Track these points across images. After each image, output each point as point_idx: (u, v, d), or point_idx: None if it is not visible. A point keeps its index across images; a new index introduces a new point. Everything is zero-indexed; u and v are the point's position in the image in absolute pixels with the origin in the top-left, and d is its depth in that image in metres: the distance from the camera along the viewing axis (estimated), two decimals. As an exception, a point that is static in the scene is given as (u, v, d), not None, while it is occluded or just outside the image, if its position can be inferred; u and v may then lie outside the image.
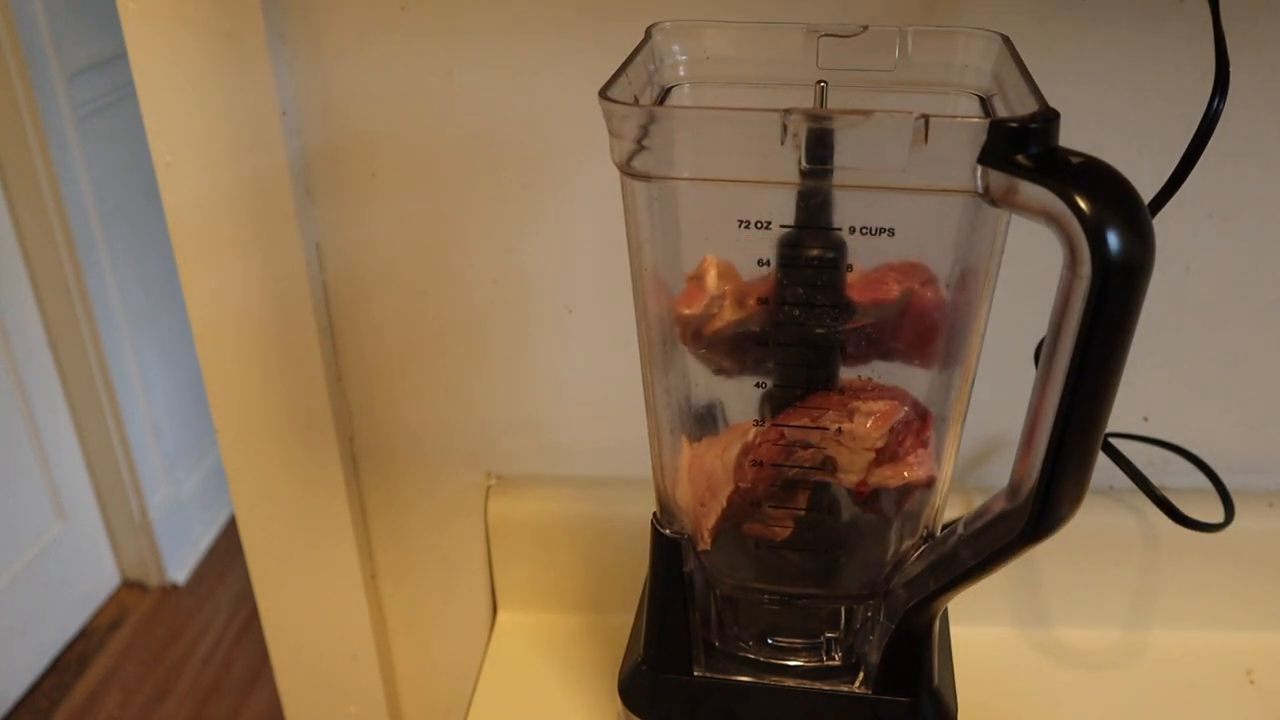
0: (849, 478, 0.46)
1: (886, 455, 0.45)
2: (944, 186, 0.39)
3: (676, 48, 0.49)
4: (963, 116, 0.37)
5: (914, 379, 0.46)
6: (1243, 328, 0.64)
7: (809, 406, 0.46)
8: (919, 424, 0.46)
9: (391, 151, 0.62)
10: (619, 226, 0.44)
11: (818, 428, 0.45)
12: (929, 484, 0.46)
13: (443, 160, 0.62)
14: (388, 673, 0.78)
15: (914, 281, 0.43)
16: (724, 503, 0.47)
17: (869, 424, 0.44)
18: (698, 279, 0.45)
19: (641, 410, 0.49)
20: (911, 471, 0.46)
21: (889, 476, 0.46)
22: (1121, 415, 0.67)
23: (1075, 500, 0.40)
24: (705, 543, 0.50)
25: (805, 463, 0.46)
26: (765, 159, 0.39)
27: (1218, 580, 0.69)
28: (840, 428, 0.45)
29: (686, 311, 0.45)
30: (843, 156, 0.38)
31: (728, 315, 0.45)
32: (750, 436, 0.47)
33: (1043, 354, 0.38)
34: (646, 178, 0.41)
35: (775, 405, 0.46)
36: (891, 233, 0.42)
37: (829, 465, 0.46)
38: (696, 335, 0.46)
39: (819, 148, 0.38)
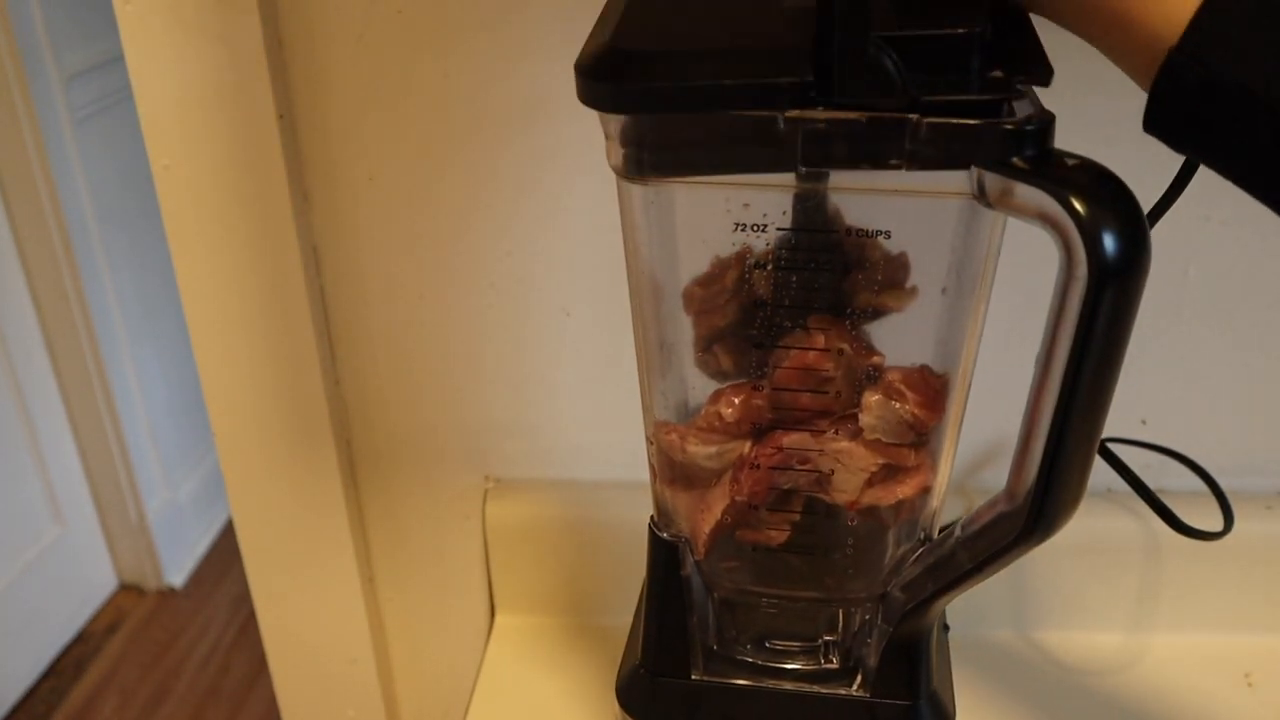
0: (842, 496, 0.46)
1: (879, 477, 0.45)
2: (940, 189, 0.39)
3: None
4: (959, 118, 0.37)
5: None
6: (1241, 329, 0.64)
7: (807, 418, 0.46)
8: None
9: (388, 155, 0.62)
10: (616, 229, 0.44)
11: (815, 432, 0.45)
12: (924, 492, 0.46)
13: (439, 163, 0.62)
14: (385, 676, 0.78)
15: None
16: (719, 514, 0.47)
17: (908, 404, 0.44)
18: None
19: (639, 413, 0.49)
20: (904, 489, 0.46)
21: (881, 496, 0.46)
22: (1120, 417, 0.67)
23: (1073, 503, 0.40)
24: (699, 553, 0.50)
25: (800, 479, 0.46)
26: (763, 159, 0.39)
27: (1216, 583, 0.69)
28: (838, 430, 0.45)
29: (701, 290, 0.45)
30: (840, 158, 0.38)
31: (729, 313, 0.45)
32: (746, 449, 0.47)
33: (1039, 356, 0.38)
34: (643, 180, 0.41)
35: (772, 414, 0.46)
36: (888, 234, 0.42)
37: (824, 482, 0.46)
38: (701, 322, 0.46)
39: (816, 148, 0.38)
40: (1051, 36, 0.55)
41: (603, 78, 0.37)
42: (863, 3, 0.32)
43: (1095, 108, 0.58)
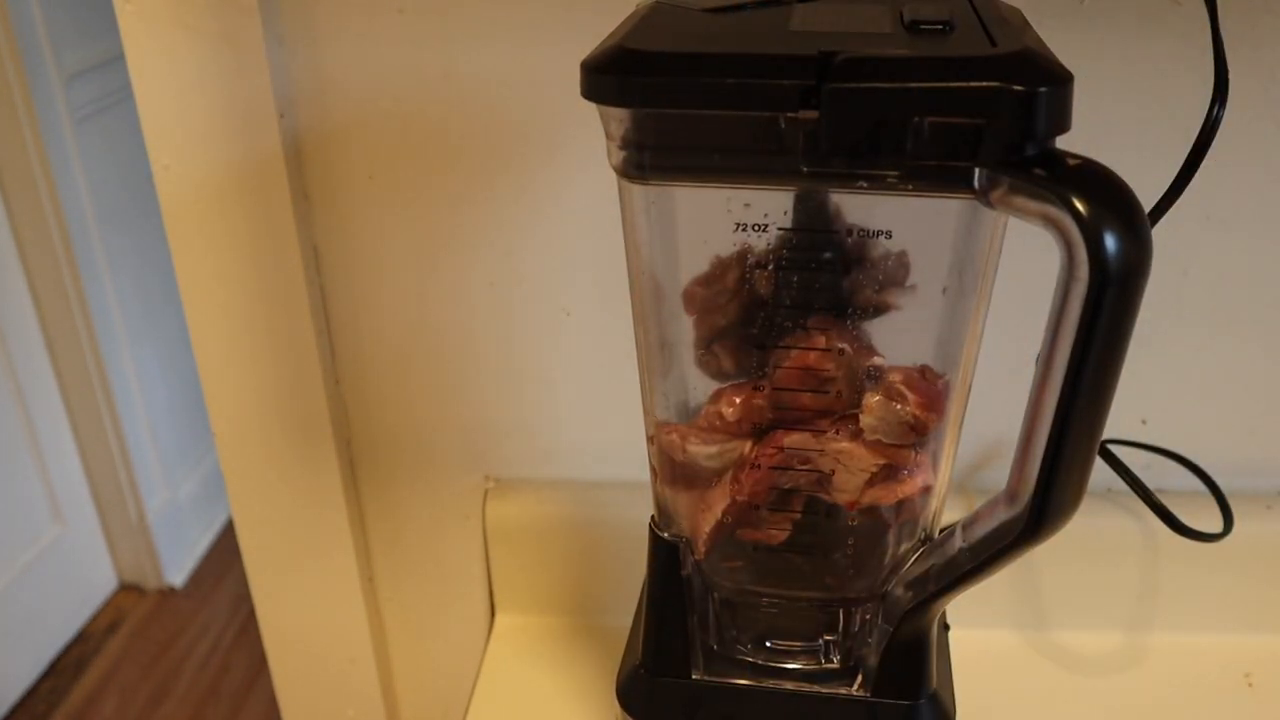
0: (843, 496, 0.46)
1: (880, 477, 0.45)
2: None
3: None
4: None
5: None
6: (1241, 330, 0.64)
7: (807, 418, 0.46)
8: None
9: (389, 154, 0.62)
10: (617, 229, 0.44)
11: (815, 432, 0.45)
12: (924, 492, 0.46)
13: (440, 163, 0.62)
14: (385, 676, 0.78)
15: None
16: (719, 514, 0.47)
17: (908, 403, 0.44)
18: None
19: (639, 413, 0.49)
20: (904, 489, 0.45)
21: (882, 496, 0.46)
22: (1120, 418, 0.67)
23: (1073, 503, 0.40)
24: (699, 553, 0.50)
25: (801, 479, 0.46)
26: (764, 161, 0.39)
27: (1216, 583, 0.69)
28: (838, 430, 0.45)
29: (702, 290, 0.45)
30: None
31: (730, 313, 0.45)
32: (747, 449, 0.47)
33: (1040, 356, 0.38)
34: (643, 180, 0.41)
35: (773, 414, 0.46)
36: (889, 234, 0.42)
37: (824, 482, 0.46)
38: (702, 321, 0.46)
39: (817, 150, 0.38)
40: (1056, 37, 0.55)
41: (607, 71, 0.37)
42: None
43: (1096, 108, 0.58)
